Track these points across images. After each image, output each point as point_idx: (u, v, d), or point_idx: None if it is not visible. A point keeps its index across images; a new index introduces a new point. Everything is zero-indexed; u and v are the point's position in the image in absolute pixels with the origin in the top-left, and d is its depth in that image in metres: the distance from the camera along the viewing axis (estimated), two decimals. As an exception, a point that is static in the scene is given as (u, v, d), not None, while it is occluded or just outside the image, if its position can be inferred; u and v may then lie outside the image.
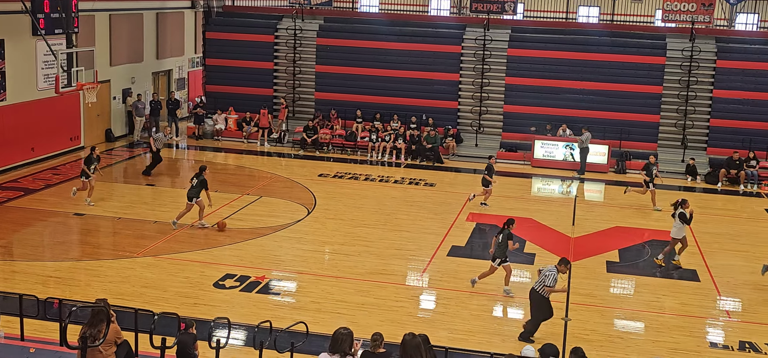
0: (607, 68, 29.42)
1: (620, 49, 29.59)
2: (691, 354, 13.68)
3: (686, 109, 28.92)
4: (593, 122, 28.39)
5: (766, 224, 22.63)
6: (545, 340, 11.91)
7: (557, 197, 25.61)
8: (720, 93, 28.85)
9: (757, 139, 27.90)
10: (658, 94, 29.13)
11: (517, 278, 17.52)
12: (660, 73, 29.17)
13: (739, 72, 28.73)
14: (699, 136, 29.08)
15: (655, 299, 16.27)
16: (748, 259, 19.13)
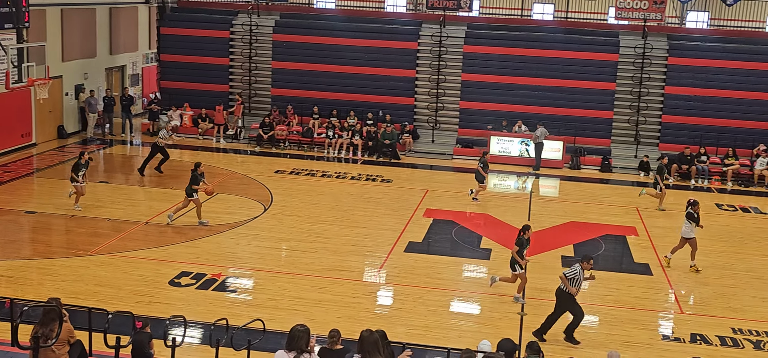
0: (562, 65, 29.72)
1: (574, 46, 29.90)
2: (644, 347, 13.90)
3: (639, 106, 29.33)
4: (548, 118, 28.65)
5: (717, 218, 23.06)
6: (506, 336, 11.99)
7: (513, 192, 25.83)
8: (671, 89, 29.31)
9: (708, 135, 28.39)
10: (611, 90, 29.50)
11: (474, 272, 17.66)
12: (613, 70, 29.53)
13: (690, 69, 29.22)
14: (651, 132, 29.51)
15: (609, 293, 16.49)
16: (699, 253, 19.45)
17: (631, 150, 29.05)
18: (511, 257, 15.71)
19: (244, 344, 11.08)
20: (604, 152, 28.80)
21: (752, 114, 28.62)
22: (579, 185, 26.50)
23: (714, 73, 28.99)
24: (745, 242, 20.78)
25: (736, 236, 21.31)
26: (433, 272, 17.13)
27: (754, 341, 14.33)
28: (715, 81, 28.95)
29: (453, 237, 19.83)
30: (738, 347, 14.03)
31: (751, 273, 18.16)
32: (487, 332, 13.48)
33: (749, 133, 28.34)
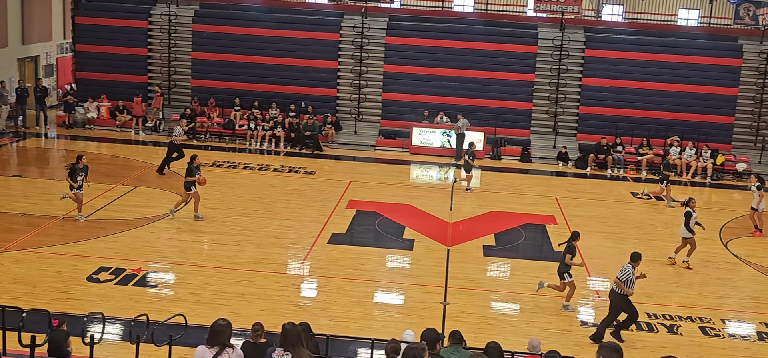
0: (482, 57, 30.08)
1: (494, 38, 30.29)
2: (564, 333, 14.19)
3: (557, 97, 29.90)
4: (469, 110, 28.97)
5: (632, 206, 23.70)
6: (430, 326, 12.08)
7: (435, 183, 26.05)
8: (588, 81, 29.97)
9: (623, 125, 29.14)
10: (530, 82, 30.00)
11: (397, 263, 17.74)
12: (532, 62, 30.04)
13: (606, 61, 29.91)
14: (569, 122, 30.13)
15: (529, 280, 16.76)
16: (615, 240, 20.00)
17: (549, 140, 29.60)
18: (559, 265, 15.52)
19: (165, 339, 10.90)
20: (524, 143, 29.28)
21: (665, 105, 29.48)
22: (500, 175, 26.89)
23: (629, 65, 29.74)
24: (658, 229, 21.42)
25: (650, 223, 21.93)
26: (356, 264, 17.15)
27: (667, 325, 14.78)
28: (629, 73, 29.71)
29: (376, 228, 19.89)
30: (653, 332, 14.45)
31: (664, 260, 18.70)
32: (411, 322, 13.57)
33: (662, 123, 29.19)
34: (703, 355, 13.52)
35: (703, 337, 14.38)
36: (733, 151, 29.09)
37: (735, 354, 13.67)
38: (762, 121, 29.50)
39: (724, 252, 19.64)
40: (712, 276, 17.82)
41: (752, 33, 30.71)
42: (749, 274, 18.21)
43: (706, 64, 29.57)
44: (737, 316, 15.69)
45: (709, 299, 16.38)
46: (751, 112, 29.60)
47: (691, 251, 18.20)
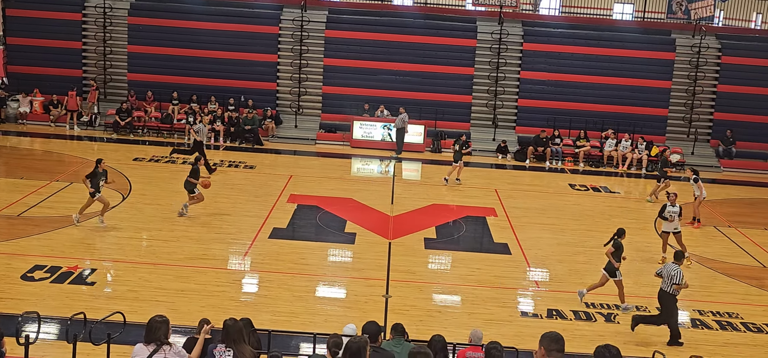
0: (422, 50, 30.19)
1: (434, 32, 30.42)
2: (505, 324, 14.34)
3: (496, 90, 30.17)
4: (410, 103, 29.07)
5: (570, 197, 24.07)
6: (372, 319, 12.09)
7: (376, 176, 26.08)
8: (527, 74, 30.31)
9: (561, 118, 29.56)
10: (470, 75, 30.22)
11: (339, 257, 17.71)
12: (472, 56, 30.26)
13: (544, 54, 30.30)
14: (508, 115, 30.44)
15: (470, 272, 16.91)
16: (554, 231, 20.28)
17: (489, 133, 29.87)
18: (607, 265, 15.50)
19: (103, 337, 10.70)
20: (464, 136, 29.46)
21: (602, 97, 29.99)
22: (440, 168, 27.03)
23: (566, 59, 30.18)
24: (596, 219, 21.78)
25: (587, 214, 22.29)
26: (298, 258, 17.08)
27: (605, 314, 15.05)
28: (567, 66, 30.15)
29: (318, 222, 19.83)
30: (591, 321, 14.70)
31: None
32: (353, 315, 13.55)
33: (599, 115, 29.68)
34: (639, 342, 13.78)
35: (640, 325, 14.65)
36: (667, 143, 29.73)
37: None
38: (694, 114, 30.21)
39: (659, 242, 20.04)
40: (648, 266, 18.18)
41: (685, 27, 31.41)
42: (684, 263, 18.59)
43: (640, 57, 30.14)
44: (672, 304, 16.01)
45: (645, 288, 16.71)
46: (684, 104, 30.28)
47: (664, 246, 18.50)
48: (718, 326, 14.87)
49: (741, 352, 13.69)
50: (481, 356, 10.05)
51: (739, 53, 30.29)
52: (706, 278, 17.64)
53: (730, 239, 20.49)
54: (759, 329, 14.86)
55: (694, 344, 13.94)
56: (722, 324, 14.97)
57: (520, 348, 11.37)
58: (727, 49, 30.38)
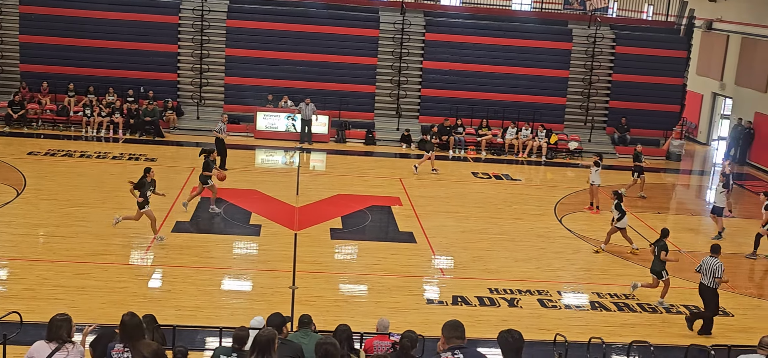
0: (325, 40, 30.09)
1: (337, 22, 30.36)
2: (411, 312, 14.50)
3: (399, 80, 30.36)
4: (314, 93, 28.96)
5: (473, 185, 24.46)
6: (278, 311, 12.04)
7: (281, 167, 25.92)
8: (429, 64, 30.59)
9: (463, 107, 29.96)
10: (373, 65, 30.32)
11: (244, 250, 17.56)
12: (375, 46, 30.34)
13: (446, 44, 30.63)
14: (412, 105, 30.67)
15: (376, 262, 17.01)
16: (458, 219, 20.58)
17: (393, 123, 30.04)
18: (653, 263, 15.65)
19: (-1, 338, 10.35)
20: (368, 126, 29.59)
21: (502, 87, 30.52)
22: (345, 158, 27.09)
23: (467, 49, 30.59)
24: (498, 207, 22.20)
25: (490, 201, 22.70)
26: (202, 251, 16.85)
27: (508, 299, 15.39)
28: (468, 56, 30.56)
29: (222, 215, 19.58)
30: (495, 306, 15.01)
31: (504, 236, 19.45)
32: (260, 308, 13.46)
33: (500, 105, 30.21)
34: (541, 326, 14.15)
35: (542, 309, 15.06)
36: (566, 131, 30.53)
37: (571, 324, 14.39)
38: (591, 102, 31.09)
39: (559, 227, 20.61)
40: (548, 250, 18.68)
41: (581, 18, 32.27)
42: (582, 247, 19.19)
43: (539, 47, 30.81)
44: (572, 287, 16.53)
45: (546, 272, 17.17)
46: (580, 93, 31.11)
47: (609, 236, 18.76)
48: (616, 308, 15.39)
49: (638, 332, 14.20)
50: (388, 344, 10.14)
51: (632, 43, 31.29)
52: (604, 261, 18.22)
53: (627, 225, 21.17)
54: (653, 309, 15.45)
55: (594, 326, 14.40)
56: (620, 306, 15.50)
57: (426, 335, 11.52)
58: (620, 40, 31.35)
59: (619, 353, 13.25)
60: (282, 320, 9.52)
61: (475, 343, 10.32)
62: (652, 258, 15.75)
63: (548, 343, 12.50)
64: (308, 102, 28.17)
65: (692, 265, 18.14)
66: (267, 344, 7.65)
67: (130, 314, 8.20)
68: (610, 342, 13.01)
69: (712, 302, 14.41)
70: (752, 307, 15.97)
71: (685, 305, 15.63)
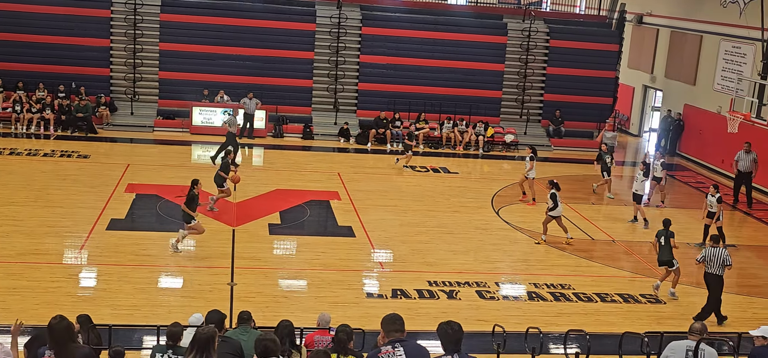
0: (262, 34, 29.85)
1: (273, 16, 30.14)
2: (351, 306, 14.51)
3: (337, 74, 30.31)
4: (251, 88, 28.72)
5: (411, 179, 24.57)
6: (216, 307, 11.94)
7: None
8: (366, 58, 30.60)
9: (401, 101, 30.05)
10: (310, 59, 30.19)
11: (180, 246, 17.33)
12: (312, 40, 30.22)
13: (382, 38, 30.66)
14: (349, 99, 30.66)
15: (315, 256, 16.98)
16: (396, 213, 20.66)
17: (331, 117, 29.98)
18: (662, 254, 15.96)
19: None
20: (306, 120, 29.48)
21: (439, 81, 30.70)
22: (283, 152, 26.94)
23: (404, 43, 30.67)
24: (436, 200, 22.33)
25: (428, 194, 22.83)
26: (138, 249, 16.59)
27: (447, 291, 15.51)
28: (405, 50, 30.65)
29: (158, 212, 19.32)
30: (434, 299, 15.12)
31: (442, 229, 19.59)
32: (198, 305, 13.31)
33: (436, 98, 30.38)
34: (480, 317, 14.30)
35: (480, 300, 15.23)
36: (502, 124, 30.86)
37: (508, 314, 14.57)
38: (526, 96, 31.47)
39: (496, 219, 20.85)
40: (486, 242, 18.89)
41: (515, 12, 32.62)
42: (519, 238, 19.44)
43: (475, 41, 31.05)
44: (510, 278, 16.75)
45: (484, 264, 17.36)
46: (516, 86, 31.47)
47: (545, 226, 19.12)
48: (553, 298, 15.64)
49: (574, 321, 14.46)
50: (329, 339, 10.14)
51: (565, 37, 31.77)
52: (540, 252, 18.49)
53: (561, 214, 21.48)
54: (589, 298, 15.74)
55: (531, 316, 14.60)
56: (556, 295, 15.76)
57: (366, 329, 11.56)
58: (554, 33, 31.80)
59: (556, 342, 13.46)
60: (221, 316, 9.45)
61: (415, 335, 10.37)
62: (658, 250, 16.19)
63: (487, 334, 12.64)
64: (251, 96, 27.95)
65: (624, 253, 18.53)
66: (207, 342, 7.56)
67: (59, 317, 7.78)
68: (547, 332, 13.21)
69: (717, 288, 14.86)
70: (684, 295, 16.38)
71: (619, 294, 15.97)
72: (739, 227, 21.43)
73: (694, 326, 9.25)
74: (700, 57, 30.27)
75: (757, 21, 22.22)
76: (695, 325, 9.27)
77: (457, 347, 6.48)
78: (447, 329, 6.49)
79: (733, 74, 27.50)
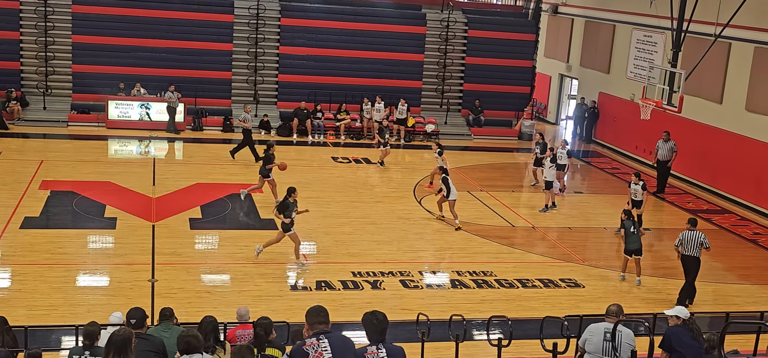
0: (179, 26, 29.34)
1: (190, 7, 29.64)
2: (275, 299, 14.44)
3: (256, 66, 30.02)
4: (168, 80, 28.24)
5: (334, 170, 24.55)
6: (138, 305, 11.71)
7: (136, 157, 25.14)
8: (285, 49, 30.39)
9: (321, 92, 29.97)
10: (229, 51, 29.82)
11: (100, 244, 16.97)
12: (230, 31, 29.85)
13: (302, 30, 30.48)
14: (269, 91, 30.41)
15: (238, 250, 16.82)
16: (319, 204, 20.58)
17: (251, 109, 29.64)
18: (629, 243, 16.26)
19: None
20: (226, 113, 29.13)
21: (360, 71, 30.72)
22: (202, 145, 26.58)
23: (324, 34, 30.56)
24: (359, 191, 22.38)
25: (350, 185, 22.85)
26: (54, 248, 16.16)
27: (371, 281, 15.57)
28: (325, 41, 30.54)
29: (74, 209, 18.84)
30: (358, 289, 15.15)
31: (365, 219, 19.64)
32: (118, 303, 13.04)
33: (357, 89, 30.39)
34: (405, 306, 14.40)
35: (404, 289, 15.33)
36: (423, 114, 31.07)
37: (432, 303, 14.71)
38: (446, 85, 31.76)
39: (418, 209, 21.00)
40: (409, 232, 19.01)
41: (434, 2, 32.80)
42: (440, 227, 19.62)
43: (394, 31, 31.16)
44: (433, 267, 16.91)
45: (407, 253, 17.47)
46: (436, 76, 31.72)
47: (441, 204, 19.52)
48: (475, 285, 15.85)
49: (496, 307, 14.68)
50: (251, 332, 10.08)
51: (483, 27, 32.14)
52: (462, 239, 18.70)
53: (482, 202, 21.81)
54: (511, 284, 16.01)
55: (454, 303, 14.77)
56: (479, 282, 15.97)
57: (291, 322, 11.53)
58: (472, 23, 32.14)
59: (479, 328, 13.65)
60: (143, 314, 9.28)
61: (340, 327, 10.40)
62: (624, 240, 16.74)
63: (411, 323, 12.73)
64: (173, 89, 27.49)
65: (542, 239, 18.91)
66: (123, 343, 7.38)
67: None
68: (470, 318, 13.37)
69: (694, 270, 15.31)
70: (600, 278, 16.81)
71: (540, 279, 16.29)
72: (652, 211, 22.05)
73: (610, 309, 9.48)
74: (614, 46, 31.04)
75: (667, 10, 22.87)
76: (612, 307, 9.51)
77: (382, 337, 6.50)
78: (372, 319, 6.51)
79: (644, 62, 28.29)
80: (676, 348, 9.22)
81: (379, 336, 6.50)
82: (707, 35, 23.04)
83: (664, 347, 9.35)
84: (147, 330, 9.18)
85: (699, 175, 25.48)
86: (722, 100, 24.72)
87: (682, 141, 24.63)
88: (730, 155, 24.10)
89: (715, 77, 24.72)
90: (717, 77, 24.72)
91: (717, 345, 8.85)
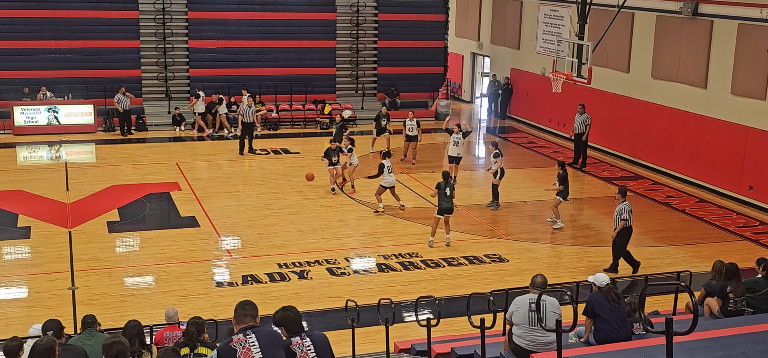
0: (83, 25, 28.52)
1: (94, 5, 28.85)
2: (201, 297, 14.25)
3: (166, 62, 29.46)
4: (74, 82, 27.51)
5: (253, 162, 24.34)
6: (58, 316, 11.40)
7: (47, 163, 24.39)
8: (195, 43, 29.88)
9: (235, 84, 29.58)
10: (136, 48, 29.17)
11: (14, 254, 16.44)
12: (136, 28, 29.18)
13: (211, 22, 30.03)
14: (181, 86, 29.88)
15: (160, 250, 16.53)
16: (240, 198, 20.43)
17: (163, 106, 29.15)
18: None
19: None
20: (138, 111, 28.51)
21: (272, 61, 30.46)
22: (116, 146, 25.97)
23: (234, 25, 30.19)
24: (279, 182, 22.21)
25: (270, 177, 22.68)
26: (-34, 262, 15.60)
27: (298, 272, 15.50)
28: (235, 33, 30.17)
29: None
30: (285, 281, 15.07)
31: (288, 210, 19.53)
32: (38, 314, 12.68)
33: (271, 79, 30.13)
34: (333, 294, 14.37)
35: (332, 277, 15.32)
36: (339, 100, 31.01)
37: (361, 288, 14.74)
38: (360, 70, 31.77)
39: (340, 195, 20.98)
40: (333, 219, 18.99)
41: (343, -12, 32.74)
42: (363, 212, 19.66)
43: (305, 19, 30.95)
44: (359, 252, 16.94)
45: (332, 241, 17.46)
46: (349, 62, 31.69)
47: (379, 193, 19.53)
48: (402, 267, 15.95)
49: (424, 288, 14.81)
50: (179, 333, 9.92)
51: (393, 10, 32.21)
52: (386, 223, 18.79)
53: (403, 185, 21.88)
54: (436, 264, 16.17)
55: (382, 287, 14.84)
56: (405, 265, 16.08)
57: (219, 319, 11.40)
58: (382, 7, 32.17)
59: (408, 310, 13.74)
60: (59, 325, 9.02)
61: (268, 320, 10.32)
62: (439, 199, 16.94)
63: (340, 309, 12.71)
64: (124, 92, 27.06)
65: (465, 217, 19.14)
66: (46, 353, 7.20)
67: None
68: (398, 301, 13.46)
69: (617, 240, 15.76)
70: (524, 251, 17.12)
71: (465, 257, 16.50)
72: (572, 182, 22.53)
73: (535, 280, 9.64)
74: (522, 22, 31.51)
75: (572, -16, 23.43)
76: (536, 278, 9.67)
77: (301, 328, 6.51)
78: (288, 314, 6.54)
79: (553, 37, 28.83)
80: (599, 314, 9.46)
81: (300, 327, 6.51)
82: (611, 7, 23.62)
83: (588, 313, 9.57)
84: (67, 340, 8.96)
85: (612, 143, 26.14)
86: (629, 69, 25.40)
87: (595, 111, 25.19)
88: (639, 122, 24.80)
89: (621, 47, 25.38)
90: (623, 47, 25.39)
91: (637, 308, 9.09)
